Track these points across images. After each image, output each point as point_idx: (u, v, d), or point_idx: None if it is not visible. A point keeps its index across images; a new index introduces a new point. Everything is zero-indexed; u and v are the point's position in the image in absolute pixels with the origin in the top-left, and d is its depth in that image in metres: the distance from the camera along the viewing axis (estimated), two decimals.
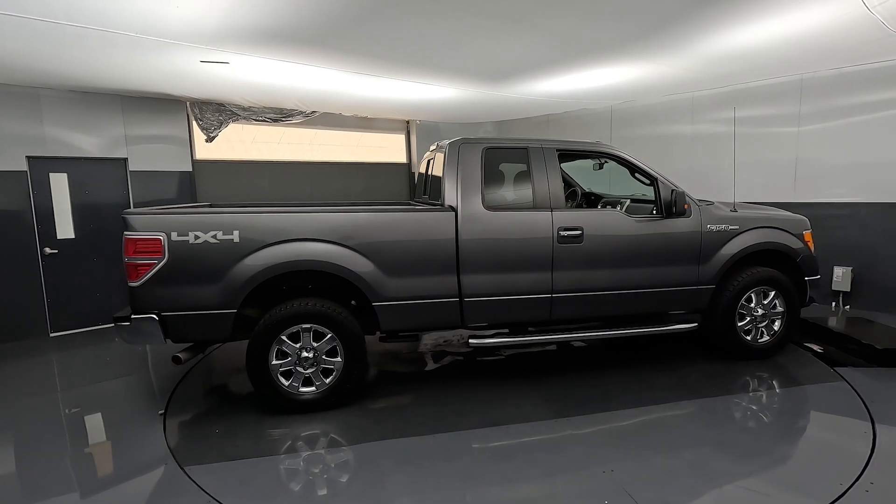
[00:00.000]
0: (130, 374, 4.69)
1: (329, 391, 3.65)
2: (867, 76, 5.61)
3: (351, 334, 3.63)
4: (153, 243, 3.43)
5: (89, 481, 2.97)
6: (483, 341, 4.01)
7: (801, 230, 4.60)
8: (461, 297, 3.85)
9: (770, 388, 4.07)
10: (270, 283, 3.61)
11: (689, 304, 4.35)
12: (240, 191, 7.29)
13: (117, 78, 5.22)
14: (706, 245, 4.28)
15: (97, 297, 6.16)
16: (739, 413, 3.63)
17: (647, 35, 4.25)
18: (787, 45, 4.60)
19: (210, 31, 3.84)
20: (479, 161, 3.93)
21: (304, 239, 3.54)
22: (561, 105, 7.55)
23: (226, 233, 3.44)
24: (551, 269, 3.95)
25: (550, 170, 4.04)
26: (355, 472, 2.99)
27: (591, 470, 2.91)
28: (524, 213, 3.95)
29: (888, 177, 5.62)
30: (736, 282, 4.35)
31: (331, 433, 3.42)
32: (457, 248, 3.79)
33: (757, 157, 6.53)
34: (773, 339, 4.52)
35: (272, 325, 3.52)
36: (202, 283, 3.44)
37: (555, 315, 4.06)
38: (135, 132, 6.29)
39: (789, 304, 4.48)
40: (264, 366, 3.54)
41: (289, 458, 3.13)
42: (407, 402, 3.92)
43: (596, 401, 3.80)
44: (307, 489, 2.83)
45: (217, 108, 6.80)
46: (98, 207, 6.13)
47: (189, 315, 3.47)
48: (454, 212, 3.82)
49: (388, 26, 3.87)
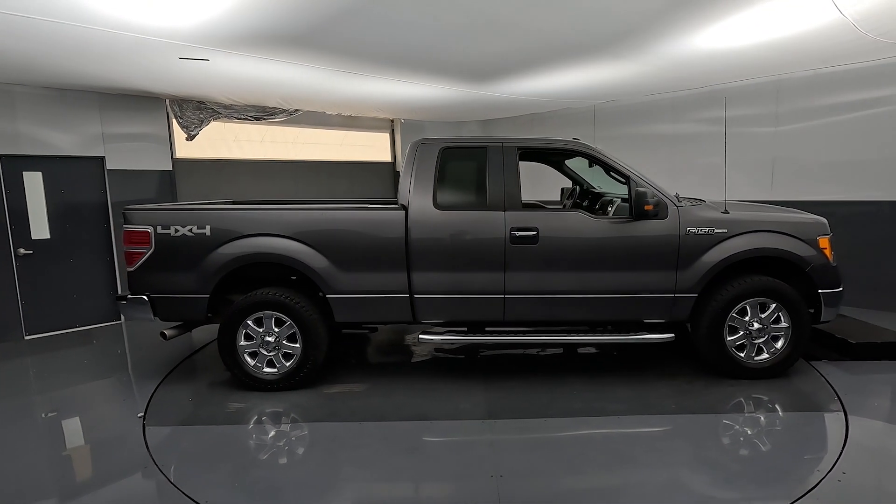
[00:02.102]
0: (109, 376, 4.60)
1: (288, 373, 4.00)
2: (841, 77, 5.75)
3: (308, 323, 3.93)
4: (143, 235, 3.96)
5: (67, 486, 2.91)
6: (432, 338, 4.09)
7: (814, 235, 3.97)
8: (412, 294, 3.97)
9: (748, 407, 3.68)
10: (251, 272, 4.05)
11: (666, 313, 3.99)
12: (222, 190, 7.18)
13: (94, 75, 5.11)
14: (686, 249, 3.89)
15: (74, 298, 6.03)
16: (695, 433, 3.32)
17: (628, 35, 4.29)
18: (764, 46, 4.69)
19: (189, 28, 3.78)
20: (434, 161, 4.02)
21: (265, 234, 3.92)
22: (545, 104, 7.60)
23: (200, 227, 3.93)
24: (504, 269, 3.91)
25: (507, 169, 3.98)
26: (280, 445, 3.37)
27: (480, 472, 2.89)
28: (475, 212, 3.95)
29: (863, 175, 5.76)
30: (725, 291, 3.90)
31: (276, 409, 3.79)
32: (406, 246, 3.91)
33: (736, 157, 6.63)
34: (774, 359, 3.97)
35: (238, 310, 3.95)
36: (181, 270, 3.95)
37: (508, 316, 4.01)
38: (112, 130, 6.17)
39: (796, 319, 3.91)
40: (233, 346, 3.97)
41: (236, 427, 3.56)
42: (360, 390, 4.13)
43: (539, 406, 3.71)
44: (240, 452, 3.26)
45: (198, 106, 6.69)
46: (74, 207, 5.99)
47: (172, 297, 4.00)
48: (405, 210, 3.94)
49: (371, 24, 3.86)
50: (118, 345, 5.54)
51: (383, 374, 4.48)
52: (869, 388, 3.91)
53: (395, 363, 4.91)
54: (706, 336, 3.97)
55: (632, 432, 3.40)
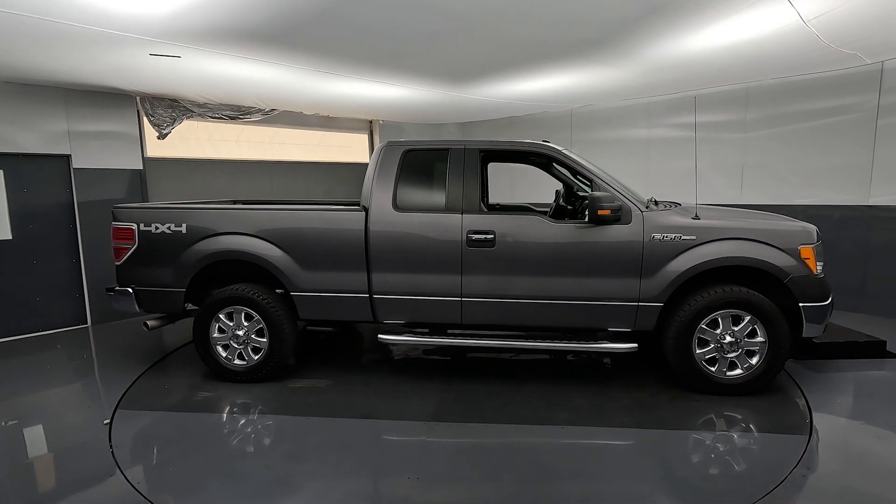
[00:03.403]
0: (74, 381, 4.44)
1: (256, 366, 4.19)
2: (808, 85, 5.96)
3: (274, 319, 4.09)
4: (128, 232, 4.23)
5: (29, 496, 2.79)
6: (390, 338, 4.13)
7: (795, 244, 3.68)
8: (371, 294, 4.04)
9: (712, 425, 3.44)
10: (229, 268, 4.26)
11: (631, 322, 3.83)
12: (195, 190, 7.02)
13: (59, 70, 4.93)
14: (650, 256, 3.72)
15: (37, 301, 5.81)
16: (638, 449, 3.19)
17: (603, 40, 4.36)
18: (733, 54, 4.83)
19: (160, 23, 3.69)
20: (396, 162, 4.06)
21: (234, 233, 4.11)
22: (523, 107, 7.66)
23: (177, 225, 4.15)
24: (461, 272, 3.89)
25: (467, 171, 3.96)
26: (224, 433, 3.55)
27: (400, 472, 2.93)
28: (433, 215, 3.95)
29: (828, 181, 5.98)
30: (694, 301, 3.71)
31: (239, 399, 3.97)
32: (366, 247, 3.96)
33: (707, 161, 6.82)
34: (748, 375, 3.74)
35: (211, 304, 4.15)
36: (161, 265, 4.19)
37: (466, 319, 3.99)
38: (79, 127, 5.97)
39: (773, 334, 3.67)
40: (206, 338, 4.18)
41: (196, 414, 3.78)
42: (322, 386, 4.24)
43: (487, 411, 3.68)
44: (195, 436, 3.45)
45: (170, 104, 6.53)
46: (38, 207, 5.78)
47: (153, 290, 4.26)
48: (366, 211, 4.00)
49: (348, 24, 3.83)
50: (84, 349, 5.36)
51: (350, 372, 4.53)
52: (833, 385, 4.04)
53: (367, 362, 4.91)
54: (674, 348, 3.78)
55: (568, 443, 3.29)
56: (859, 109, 5.67)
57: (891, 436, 3.27)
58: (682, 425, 3.48)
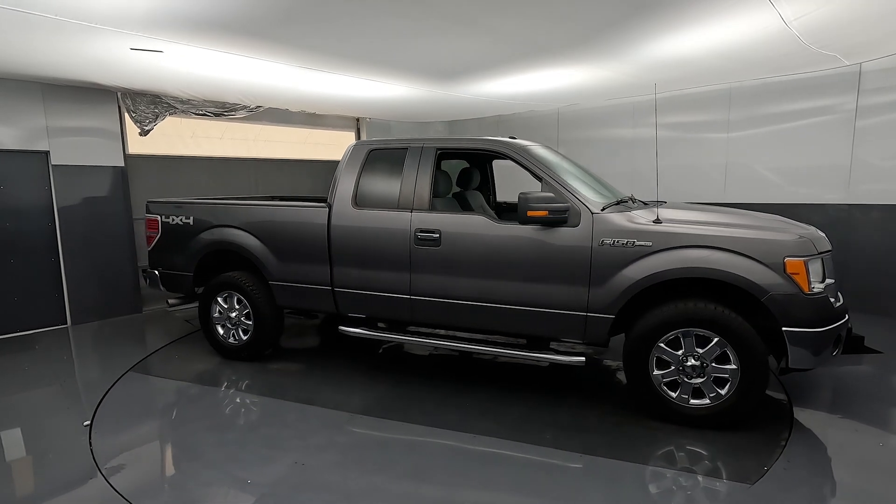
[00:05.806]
0: (52, 383, 4.34)
1: (243, 345, 4.64)
2: (790, 86, 6.06)
3: (258, 303, 4.47)
4: (154, 222, 4.93)
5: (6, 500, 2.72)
6: (349, 330, 4.26)
7: (779, 256, 3.05)
8: (333, 287, 4.21)
9: (670, 454, 3.03)
10: (234, 256, 4.70)
11: (579, 334, 3.48)
12: (178, 188, 6.92)
13: (37, 64, 4.81)
14: (599, 263, 3.34)
15: (14, 301, 5.67)
16: (533, 471, 2.88)
17: (589, 39, 4.38)
18: (715, 55, 4.89)
19: (140, 16, 3.62)
20: (360, 161, 4.20)
21: (227, 225, 4.59)
22: (509, 106, 7.68)
23: (187, 217, 4.75)
24: (409, 270, 3.90)
25: (421, 170, 3.96)
26: (197, 402, 3.94)
27: (288, 457, 3.06)
28: (385, 212, 3.99)
29: (810, 180, 6.09)
30: (651, 316, 3.28)
31: (218, 375, 4.40)
32: (329, 241, 4.15)
33: (691, 161, 6.91)
34: (716, 406, 3.21)
35: (209, 288, 4.69)
36: (176, 252, 4.82)
37: (416, 317, 3.98)
38: (58, 123, 5.83)
39: (748, 361, 3.09)
40: (208, 317, 4.72)
41: (179, 383, 4.26)
42: (294, 370, 4.54)
43: (416, 411, 3.64)
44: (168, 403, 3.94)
45: (152, 100, 6.41)
46: (15, 204, 5.63)
47: (171, 273, 4.90)
48: (329, 208, 4.19)
49: (335, 20, 3.79)
50: (64, 350, 5.25)
51: (325, 360, 4.75)
52: (813, 380, 4.12)
53: (347, 352, 4.97)
54: (627, 366, 3.39)
55: (466, 450, 3.13)
56: (839, 110, 5.79)
57: (869, 429, 3.34)
58: (611, 453, 3.04)
